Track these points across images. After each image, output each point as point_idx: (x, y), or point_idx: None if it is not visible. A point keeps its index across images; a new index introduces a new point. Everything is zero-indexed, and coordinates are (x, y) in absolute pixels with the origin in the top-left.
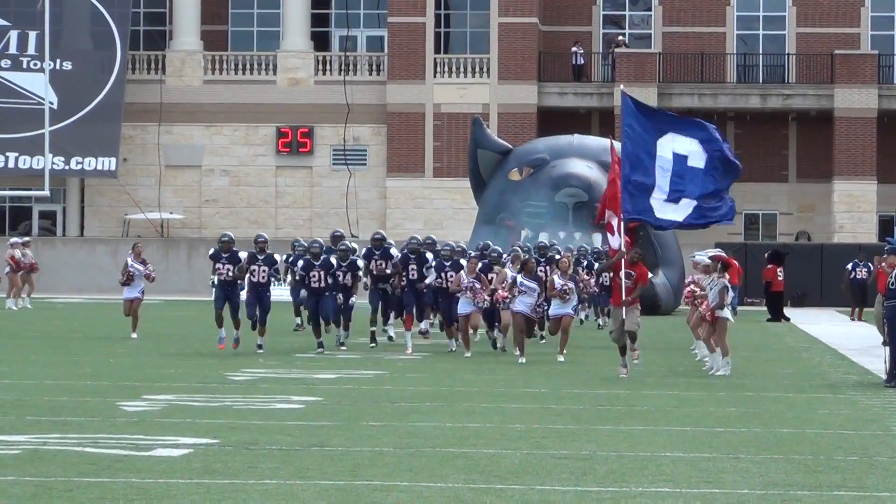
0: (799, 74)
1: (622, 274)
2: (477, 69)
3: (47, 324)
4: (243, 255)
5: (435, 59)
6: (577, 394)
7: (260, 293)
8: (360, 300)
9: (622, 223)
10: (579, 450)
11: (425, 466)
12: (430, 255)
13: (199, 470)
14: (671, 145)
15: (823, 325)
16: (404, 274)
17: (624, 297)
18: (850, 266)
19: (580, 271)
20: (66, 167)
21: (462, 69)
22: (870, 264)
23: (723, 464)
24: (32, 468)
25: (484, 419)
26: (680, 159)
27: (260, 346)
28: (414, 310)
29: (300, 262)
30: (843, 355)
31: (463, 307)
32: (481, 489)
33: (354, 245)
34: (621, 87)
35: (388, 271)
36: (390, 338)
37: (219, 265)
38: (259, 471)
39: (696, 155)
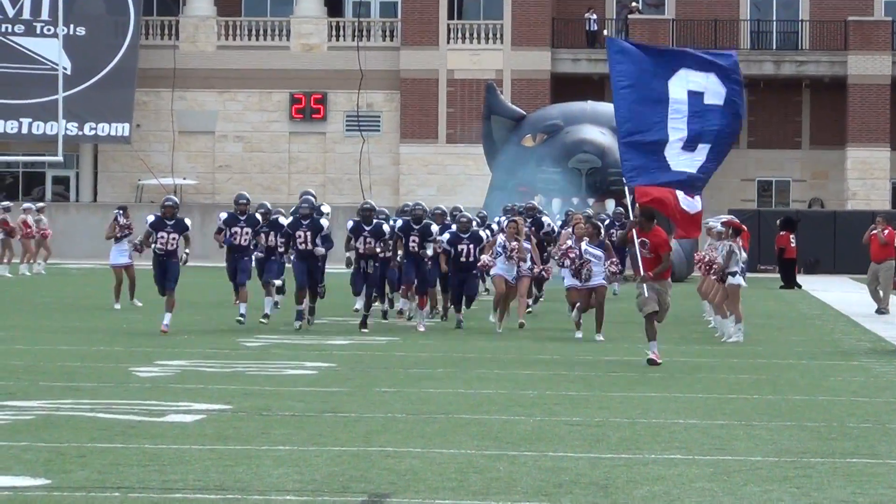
0: (812, 41)
1: (637, 243)
2: (490, 35)
3: (61, 289)
4: (189, 221)
5: (448, 24)
6: (590, 360)
7: (238, 258)
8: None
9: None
10: (592, 416)
11: (438, 433)
12: (435, 229)
13: (212, 436)
14: (685, 84)
15: (836, 292)
16: (403, 244)
17: (644, 272)
18: (874, 231)
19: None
20: (80, 133)
21: (475, 35)
22: None
23: (735, 431)
24: (45, 434)
25: (496, 386)
26: (695, 97)
27: (242, 317)
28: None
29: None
30: (855, 322)
31: (495, 274)
32: (494, 455)
33: (326, 208)
34: (605, 32)
35: (378, 250)
36: (384, 312)
37: (161, 234)
38: (272, 437)
39: (713, 92)
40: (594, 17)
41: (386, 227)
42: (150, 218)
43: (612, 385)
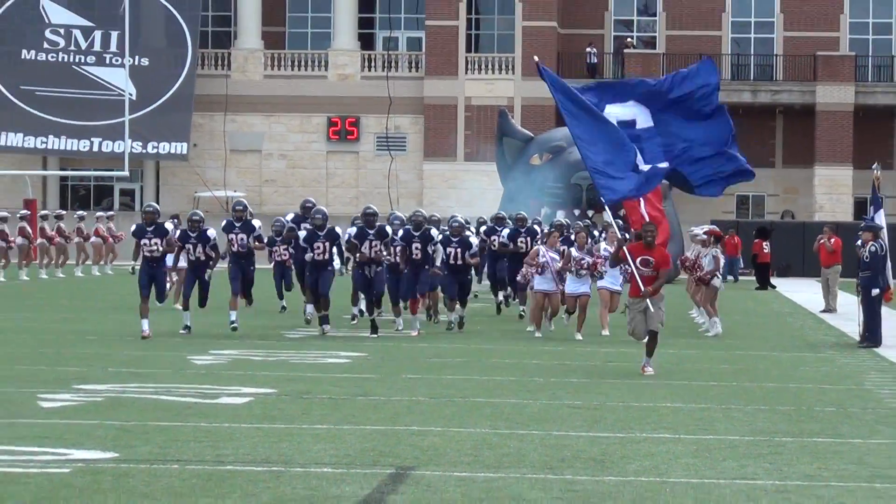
0: (785, 73)
1: (638, 261)
2: (503, 67)
3: (126, 288)
4: (169, 226)
5: (466, 57)
6: (589, 352)
7: (242, 265)
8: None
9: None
10: (591, 400)
11: (456, 414)
12: (435, 233)
13: (259, 416)
14: (612, 118)
15: (805, 293)
16: (408, 253)
17: (643, 288)
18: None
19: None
20: (144, 151)
21: (490, 67)
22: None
23: (716, 413)
24: (114, 413)
25: (507, 373)
26: (626, 126)
27: (234, 323)
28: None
29: (301, 233)
30: (822, 319)
31: (540, 284)
32: (505, 434)
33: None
34: (535, 58)
35: (385, 254)
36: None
37: (144, 240)
38: (311, 417)
39: (641, 117)
40: (594, 51)
41: (389, 229)
42: (133, 227)
43: (609, 373)
